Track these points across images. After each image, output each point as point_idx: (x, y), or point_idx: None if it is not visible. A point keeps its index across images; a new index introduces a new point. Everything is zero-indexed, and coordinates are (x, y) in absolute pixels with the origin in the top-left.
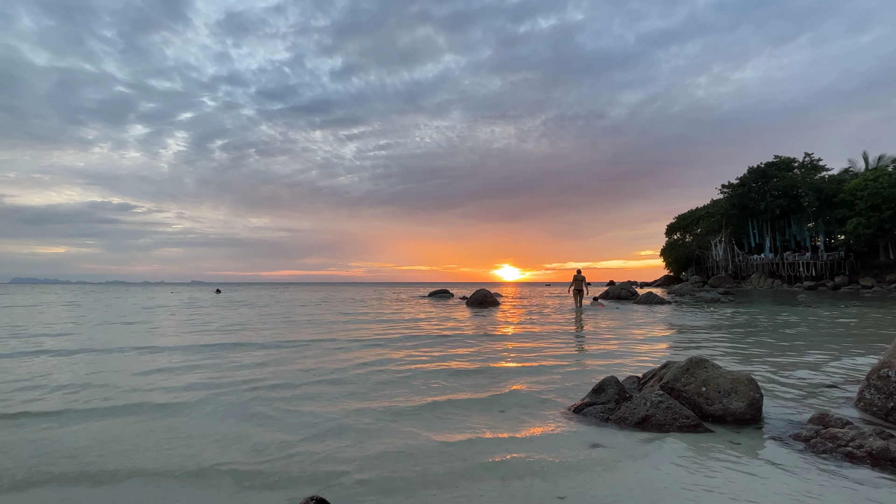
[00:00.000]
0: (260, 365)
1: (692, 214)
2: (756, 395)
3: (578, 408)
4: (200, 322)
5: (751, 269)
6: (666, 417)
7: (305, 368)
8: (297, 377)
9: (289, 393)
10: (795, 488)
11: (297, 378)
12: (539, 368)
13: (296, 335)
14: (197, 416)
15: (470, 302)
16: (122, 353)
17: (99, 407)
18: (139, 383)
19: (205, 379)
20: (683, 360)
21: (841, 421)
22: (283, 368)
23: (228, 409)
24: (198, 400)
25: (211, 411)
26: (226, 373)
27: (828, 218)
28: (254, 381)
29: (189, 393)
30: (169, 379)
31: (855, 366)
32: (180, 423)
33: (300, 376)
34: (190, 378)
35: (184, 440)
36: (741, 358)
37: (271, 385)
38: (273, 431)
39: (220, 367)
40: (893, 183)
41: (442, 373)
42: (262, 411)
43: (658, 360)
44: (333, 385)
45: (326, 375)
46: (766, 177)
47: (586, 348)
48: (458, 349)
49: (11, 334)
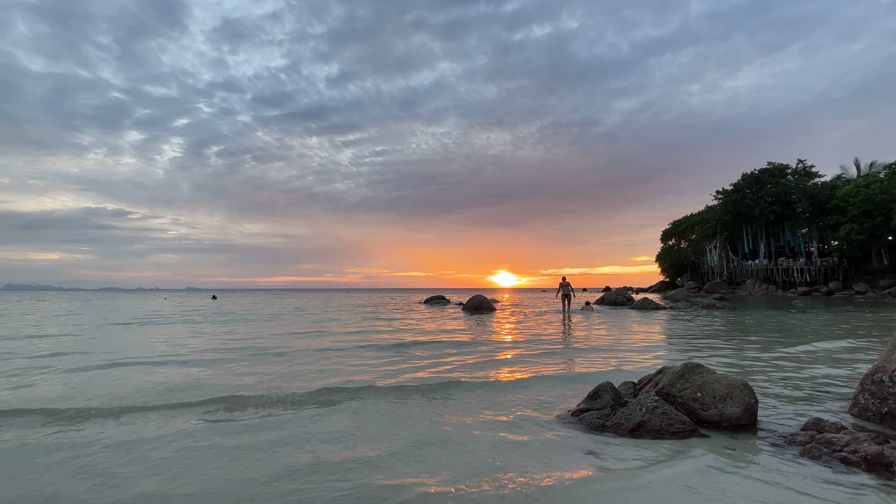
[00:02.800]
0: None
1: (687, 220)
2: (751, 401)
3: (574, 414)
4: (183, 349)
5: (745, 275)
6: (661, 423)
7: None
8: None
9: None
10: (791, 494)
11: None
12: (534, 374)
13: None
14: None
15: (466, 308)
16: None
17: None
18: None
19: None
20: (679, 366)
21: (836, 426)
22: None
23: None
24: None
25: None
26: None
27: (821, 224)
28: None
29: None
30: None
31: (849, 371)
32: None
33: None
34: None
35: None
36: (736, 363)
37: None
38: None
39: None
40: (885, 189)
41: (436, 376)
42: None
43: (653, 366)
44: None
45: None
46: (760, 183)
47: (581, 354)
48: (452, 355)
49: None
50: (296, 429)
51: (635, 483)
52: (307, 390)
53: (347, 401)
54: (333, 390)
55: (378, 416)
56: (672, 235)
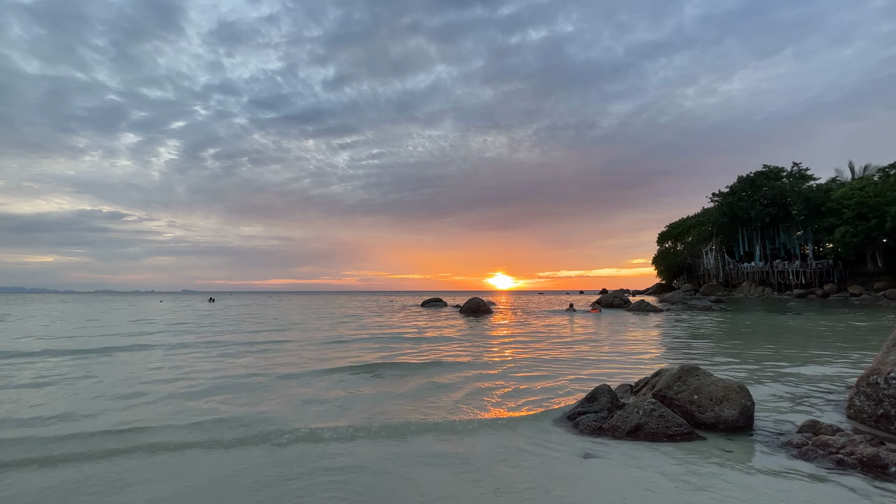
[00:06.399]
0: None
1: (683, 223)
2: (748, 403)
3: (571, 416)
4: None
5: (741, 277)
6: (658, 425)
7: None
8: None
9: None
10: (787, 496)
11: None
12: (531, 376)
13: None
14: None
15: (463, 310)
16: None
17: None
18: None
19: None
20: (675, 368)
21: (832, 428)
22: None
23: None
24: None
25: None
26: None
27: (816, 226)
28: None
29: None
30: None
31: (845, 373)
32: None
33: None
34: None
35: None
36: (733, 365)
37: None
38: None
39: None
40: (879, 192)
41: (433, 380)
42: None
43: (650, 368)
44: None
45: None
46: (756, 186)
47: (578, 356)
48: (449, 359)
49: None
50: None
51: (632, 486)
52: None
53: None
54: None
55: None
56: (668, 238)
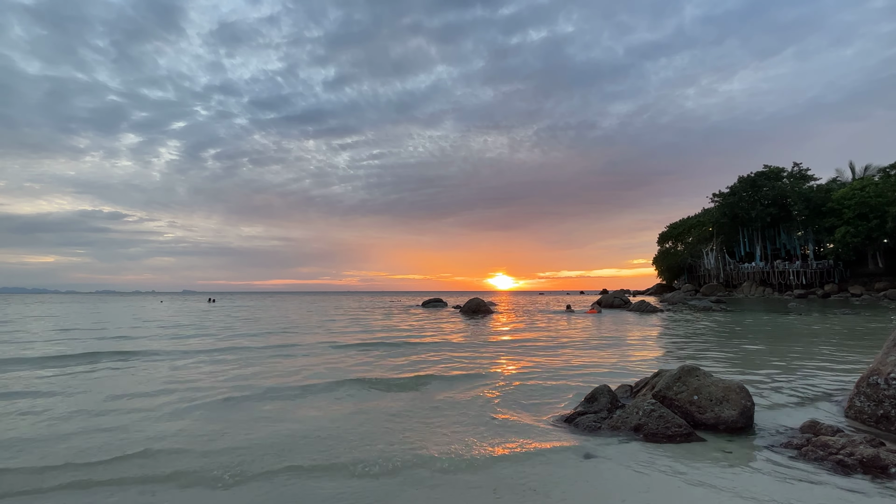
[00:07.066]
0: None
1: (684, 223)
2: (748, 404)
3: (571, 417)
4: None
5: (742, 278)
6: (658, 426)
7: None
8: None
9: None
10: (787, 497)
11: None
12: (530, 376)
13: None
14: None
15: (464, 311)
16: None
17: None
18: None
19: None
20: (675, 369)
21: (832, 429)
22: None
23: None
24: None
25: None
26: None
27: (817, 227)
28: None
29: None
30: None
31: (845, 373)
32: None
33: None
34: None
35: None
36: (733, 366)
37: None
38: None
39: None
40: (880, 192)
41: (435, 379)
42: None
43: (650, 368)
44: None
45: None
46: (756, 186)
47: (578, 356)
48: (450, 359)
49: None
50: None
51: (632, 487)
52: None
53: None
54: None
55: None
56: (669, 238)
